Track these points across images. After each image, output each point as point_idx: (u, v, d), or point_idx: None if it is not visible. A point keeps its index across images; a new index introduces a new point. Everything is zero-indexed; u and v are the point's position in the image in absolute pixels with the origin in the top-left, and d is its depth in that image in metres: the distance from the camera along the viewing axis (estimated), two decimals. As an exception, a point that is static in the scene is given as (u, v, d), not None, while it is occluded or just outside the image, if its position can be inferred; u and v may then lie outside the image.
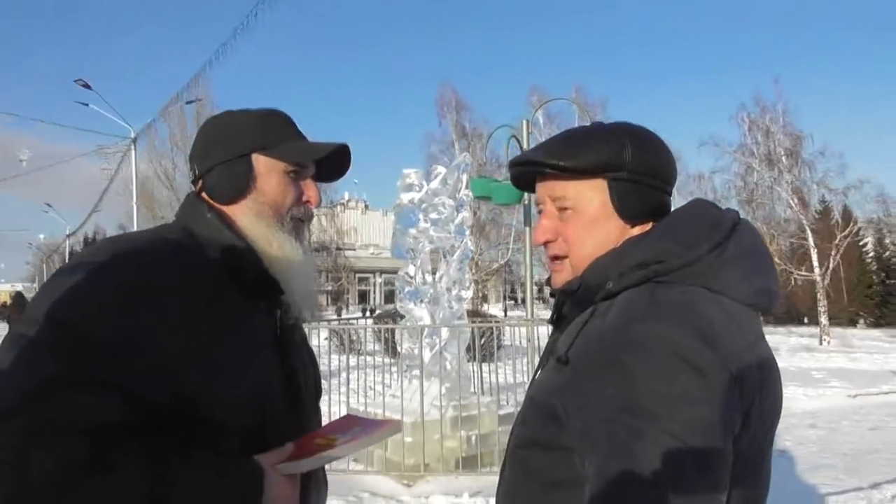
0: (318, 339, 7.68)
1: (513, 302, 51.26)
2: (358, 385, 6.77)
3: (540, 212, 1.21)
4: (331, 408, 5.92)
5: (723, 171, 27.21)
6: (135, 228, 15.18)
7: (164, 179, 33.22)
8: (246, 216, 1.25)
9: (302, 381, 1.30)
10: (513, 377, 7.47)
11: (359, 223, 52.32)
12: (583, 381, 1.02)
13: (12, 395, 0.95)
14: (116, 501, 0.97)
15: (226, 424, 1.10)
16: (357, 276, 47.89)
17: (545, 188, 1.18)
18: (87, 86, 22.66)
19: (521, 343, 7.46)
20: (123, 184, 28.44)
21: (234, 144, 1.26)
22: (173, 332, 1.06)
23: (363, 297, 47.54)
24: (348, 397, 6.54)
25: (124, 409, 1.00)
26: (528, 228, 12.50)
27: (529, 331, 6.92)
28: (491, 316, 21.20)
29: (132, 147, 25.28)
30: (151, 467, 0.99)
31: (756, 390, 1.00)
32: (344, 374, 7.32)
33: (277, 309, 1.26)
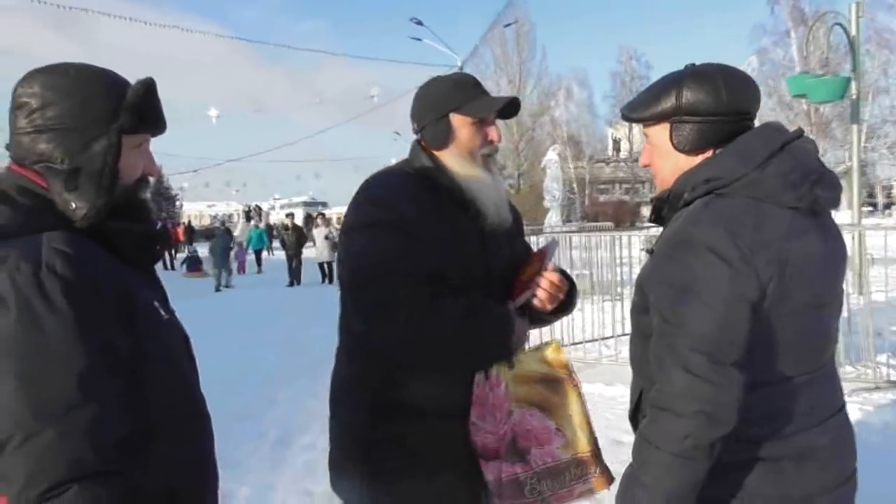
0: (630, 249, 7.66)
1: (871, 208, 41.45)
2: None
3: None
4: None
5: None
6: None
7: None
8: (451, 158, 1.78)
9: (494, 265, 1.79)
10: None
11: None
12: (656, 267, 1.44)
13: (368, 265, 1.63)
14: (445, 315, 1.60)
15: (456, 279, 1.68)
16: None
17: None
18: (419, 23, 25.51)
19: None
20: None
21: (436, 108, 1.78)
22: (417, 219, 1.65)
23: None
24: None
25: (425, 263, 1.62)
26: (854, 126, 10.74)
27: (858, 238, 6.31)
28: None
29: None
30: (463, 297, 1.64)
31: (775, 272, 1.32)
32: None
33: (478, 218, 1.76)
